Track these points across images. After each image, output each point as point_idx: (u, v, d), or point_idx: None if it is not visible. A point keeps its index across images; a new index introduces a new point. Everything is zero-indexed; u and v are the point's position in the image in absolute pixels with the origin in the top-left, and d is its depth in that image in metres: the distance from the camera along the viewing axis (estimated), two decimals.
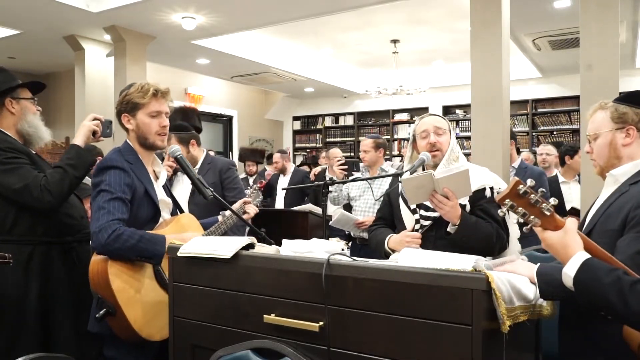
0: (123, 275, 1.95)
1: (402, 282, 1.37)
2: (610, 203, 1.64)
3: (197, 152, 3.15)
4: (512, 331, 1.34)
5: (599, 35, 4.36)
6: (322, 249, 1.72)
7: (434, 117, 2.29)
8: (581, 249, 1.35)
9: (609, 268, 1.31)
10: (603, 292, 1.28)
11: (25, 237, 2.21)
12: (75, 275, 2.30)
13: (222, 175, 3.02)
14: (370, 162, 4.27)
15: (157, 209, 2.14)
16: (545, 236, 1.38)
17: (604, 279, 1.28)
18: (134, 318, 1.93)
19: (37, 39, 7.01)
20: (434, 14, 6.81)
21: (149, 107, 2.12)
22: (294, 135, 12.33)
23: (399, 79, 8.61)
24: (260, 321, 1.57)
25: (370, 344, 1.41)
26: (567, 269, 1.34)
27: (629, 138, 1.67)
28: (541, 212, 1.33)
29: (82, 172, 2.23)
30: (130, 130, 2.16)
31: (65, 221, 2.31)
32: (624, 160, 1.68)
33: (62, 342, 2.24)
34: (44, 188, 2.12)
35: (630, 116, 1.68)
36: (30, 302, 2.19)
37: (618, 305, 1.27)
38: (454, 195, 2.01)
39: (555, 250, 1.37)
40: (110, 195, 1.97)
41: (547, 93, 9.53)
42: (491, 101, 4.68)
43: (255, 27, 6.79)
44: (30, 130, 2.32)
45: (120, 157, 2.08)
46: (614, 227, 1.56)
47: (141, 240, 1.94)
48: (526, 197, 1.32)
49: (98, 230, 1.91)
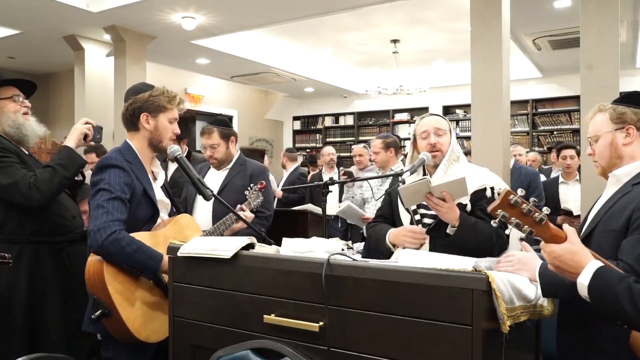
0: (119, 276, 1.93)
1: (402, 282, 1.37)
2: (613, 203, 1.64)
3: (234, 150, 3.13)
4: (512, 331, 1.34)
5: (599, 35, 4.36)
6: (322, 249, 1.71)
7: (434, 118, 2.29)
8: (591, 257, 1.34)
9: (621, 275, 1.31)
10: (617, 300, 1.28)
11: (14, 236, 2.21)
12: (66, 275, 2.30)
13: (252, 179, 2.98)
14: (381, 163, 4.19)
15: (155, 209, 2.14)
16: (552, 249, 1.35)
17: (617, 286, 1.28)
18: (130, 320, 1.91)
19: (37, 39, 7.01)
20: (434, 14, 6.81)
21: (172, 113, 2.17)
22: (294, 135, 12.33)
23: (399, 79, 8.61)
24: (260, 321, 1.57)
25: (370, 344, 1.41)
26: (581, 278, 1.32)
27: (629, 137, 1.69)
28: (534, 222, 1.32)
29: (72, 172, 2.24)
30: (143, 130, 2.15)
31: (56, 220, 2.30)
32: (626, 159, 1.69)
33: (51, 342, 2.24)
34: (32, 186, 2.12)
35: (629, 116, 1.69)
36: (18, 301, 2.19)
37: (632, 313, 1.27)
38: (450, 198, 2.02)
39: (564, 262, 1.34)
40: (110, 195, 1.96)
41: (547, 93, 9.53)
42: (491, 101, 4.68)
43: (255, 27, 6.79)
44: (11, 131, 2.30)
45: (121, 157, 2.08)
46: (617, 227, 1.56)
47: (138, 251, 1.91)
48: (518, 207, 1.31)
49: (96, 230, 1.89)
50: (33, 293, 2.23)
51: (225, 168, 3.08)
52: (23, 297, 2.20)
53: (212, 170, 3.12)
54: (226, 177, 3.04)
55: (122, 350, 2.01)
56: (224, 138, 3.06)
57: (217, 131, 3.04)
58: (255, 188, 2.69)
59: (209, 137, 3.03)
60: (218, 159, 3.06)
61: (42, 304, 2.25)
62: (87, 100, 7.07)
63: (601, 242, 1.56)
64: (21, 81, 2.41)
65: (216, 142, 3.03)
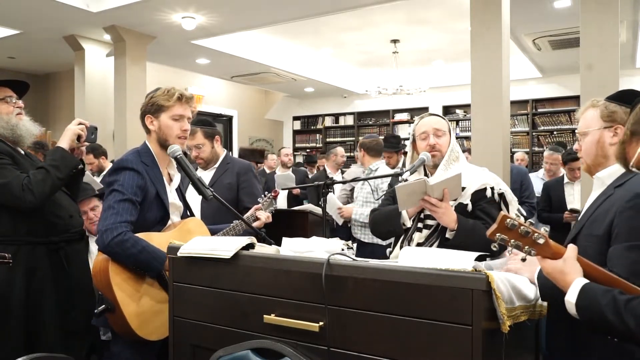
0: (124, 274, 1.98)
1: (402, 282, 1.37)
2: (597, 207, 1.61)
3: (219, 149, 3.14)
4: (512, 331, 1.34)
5: (599, 35, 4.36)
6: (322, 248, 1.71)
7: (434, 118, 2.28)
8: (579, 276, 1.34)
9: (605, 289, 1.30)
10: (602, 313, 1.27)
11: (8, 236, 2.21)
12: (63, 274, 2.30)
13: (239, 177, 2.99)
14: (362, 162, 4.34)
15: (166, 212, 2.17)
16: (544, 265, 1.37)
17: (601, 300, 1.28)
18: (132, 316, 1.95)
19: (37, 39, 7.01)
20: (434, 14, 6.81)
21: (173, 110, 2.17)
22: (294, 135, 12.34)
23: (399, 79, 8.61)
24: (260, 321, 1.57)
25: (370, 344, 1.41)
26: (568, 296, 1.33)
27: (617, 137, 1.63)
28: (534, 242, 1.33)
29: (65, 173, 2.25)
30: (152, 132, 2.20)
31: (51, 220, 2.30)
32: (611, 159, 1.65)
33: (49, 341, 2.25)
34: (25, 187, 2.13)
35: (620, 115, 1.65)
36: (15, 301, 2.19)
37: (618, 325, 1.26)
38: (447, 197, 2.02)
39: (555, 279, 1.36)
40: (122, 196, 2.01)
41: (547, 93, 9.53)
42: (491, 101, 4.68)
43: (255, 27, 6.79)
44: (5, 132, 2.31)
45: (137, 159, 2.12)
46: (599, 232, 1.53)
47: (142, 252, 1.97)
48: (515, 230, 1.31)
49: (104, 230, 1.96)
50: (30, 293, 2.23)
51: (212, 167, 3.09)
52: (20, 297, 2.20)
53: (199, 170, 3.14)
54: (213, 177, 3.05)
55: (128, 346, 2.06)
56: (208, 137, 3.07)
57: (200, 131, 3.05)
58: (270, 196, 2.69)
59: (193, 137, 3.03)
60: (204, 159, 3.07)
61: (39, 303, 2.25)
62: (87, 100, 7.07)
63: (586, 246, 1.54)
64: (13, 82, 2.41)
65: (200, 142, 3.04)
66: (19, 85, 2.42)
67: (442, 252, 1.51)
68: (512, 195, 2.23)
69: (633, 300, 1.26)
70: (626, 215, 1.45)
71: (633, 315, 1.24)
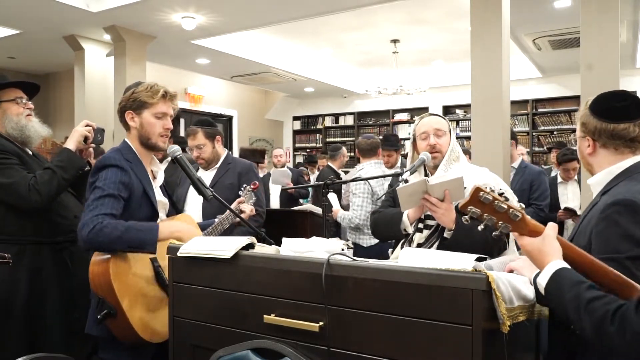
0: (123, 276, 1.94)
1: (402, 282, 1.37)
2: (585, 215, 1.58)
3: (220, 150, 3.14)
4: (512, 331, 1.34)
5: (599, 35, 4.36)
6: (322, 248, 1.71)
7: (434, 118, 2.28)
8: (558, 257, 1.29)
9: (575, 281, 1.25)
10: (564, 306, 1.24)
11: (14, 236, 2.23)
12: (67, 274, 2.31)
13: (241, 177, 2.99)
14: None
15: (154, 210, 2.14)
16: (523, 242, 1.33)
17: (566, 293, 1.23)
18: (135, 319, 1.92)
19: (37, 39, 7.01)
20: (434, 14, 6.81)
21: (156, 107, 2.12)
22: (294, 135, 12.34)
23: (399, 79, 8.61)
24: (260, 321, 1.57)
25: (370, 344, 1.41)
26: (540, 278, 1.31)
27: (590, 148, 1.57)
28: (509, 218, 1.29)
29: (71, 174, 2.26)
30: (132, 128, 2.14)
31: (56, 221, 2.31)
32: (595, 167, 1.60)
33: (51, 342, 2.25)
34: (32, 187, 2.14)
35: (590, 127, 1.55)
36: (18, 301, 2.20)
37: (576, 323, 1.22)
38: (448, 198, 2.01)
39: (533, 257, 1.32)
40: (101, 192, 1.95)
41: (547, 93, 9.54)
42: (491, 101, 4.67)
43: (255, 27, 6.79)
44: (15, 133, 2.32)
45: (120, 156, 2.07)
46: (584, 243, 1.48)
47: (128, 230, 1.90)
48: (489, 204, 1.27)
49: (81, 227, 1.90)
50: (34, 293, 2.23)
51: (213, 168, 3.09)
52: (23, 297, 2.21)
53: (200, 170, 3.14)
54: (215, 177, 3.05)
55: (121, 353, 2.01)
56: (209, 138, 3.07)
57: (201, 132, 3.05)
58: (249, 188, 2.69)
59: (194, 138, 3.04)
60: (205, 159, 3.07)
61: (42, 304, 2.26)
62: (87, 100, 7.07)
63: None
64: (24, 83, 2.42)
65: (201, 142, 3.04)
66: (30, 87, 2.44)
67: (442, 253, 1.51)
68: (512, 195, 2.23)
69: (596, 300, 1.20)
70: (600, 227, 1.41)
71: (590, 318, 1.19)
